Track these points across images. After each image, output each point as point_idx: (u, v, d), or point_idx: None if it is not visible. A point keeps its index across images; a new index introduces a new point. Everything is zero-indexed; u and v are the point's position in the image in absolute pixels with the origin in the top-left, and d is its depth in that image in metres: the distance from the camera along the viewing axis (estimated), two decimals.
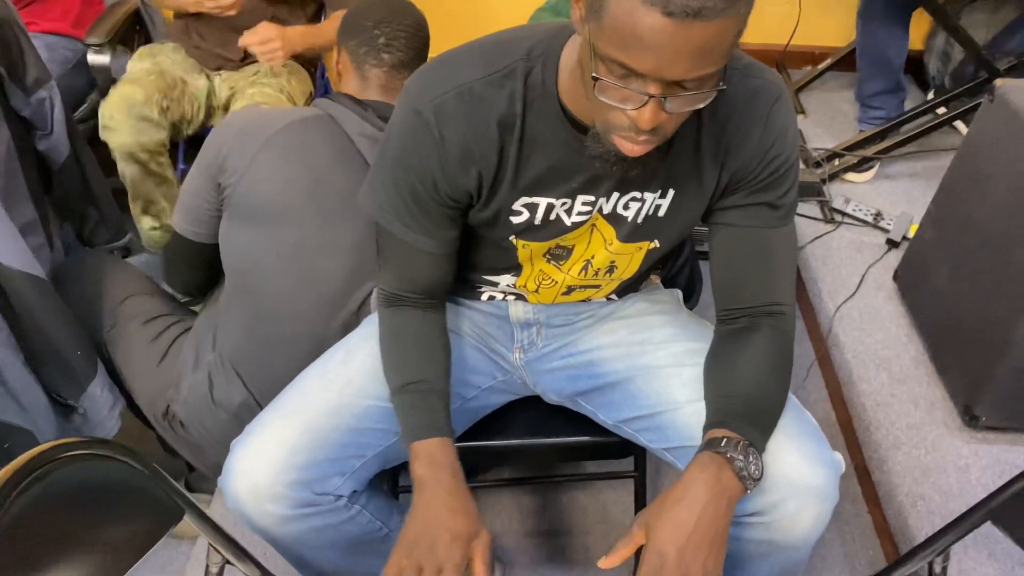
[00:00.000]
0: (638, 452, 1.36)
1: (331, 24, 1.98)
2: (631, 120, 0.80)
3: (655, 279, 1.35)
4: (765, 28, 2.70)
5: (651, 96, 0.77)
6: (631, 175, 0.93)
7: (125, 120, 1.85)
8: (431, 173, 0.97)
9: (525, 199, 1.00)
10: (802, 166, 2.35)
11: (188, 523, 0.86)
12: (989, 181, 1.54)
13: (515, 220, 1.02)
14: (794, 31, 2.63)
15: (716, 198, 1.02)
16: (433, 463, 0.99)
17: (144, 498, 0.79)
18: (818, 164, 2.30)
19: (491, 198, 0.99)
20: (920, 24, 2.57)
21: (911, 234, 2.02)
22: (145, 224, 2.03)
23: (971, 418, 1.56)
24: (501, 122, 0.94)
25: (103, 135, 1.88)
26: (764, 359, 1.02)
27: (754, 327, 1.04)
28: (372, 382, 1.10)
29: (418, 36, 1.38)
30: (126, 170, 1.94)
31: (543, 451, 1.31)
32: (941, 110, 2.36)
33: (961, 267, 1.62)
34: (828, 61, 2.72)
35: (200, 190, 1.34)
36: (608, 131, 0.84)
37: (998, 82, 1.53)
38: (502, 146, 0.95)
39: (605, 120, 0.83)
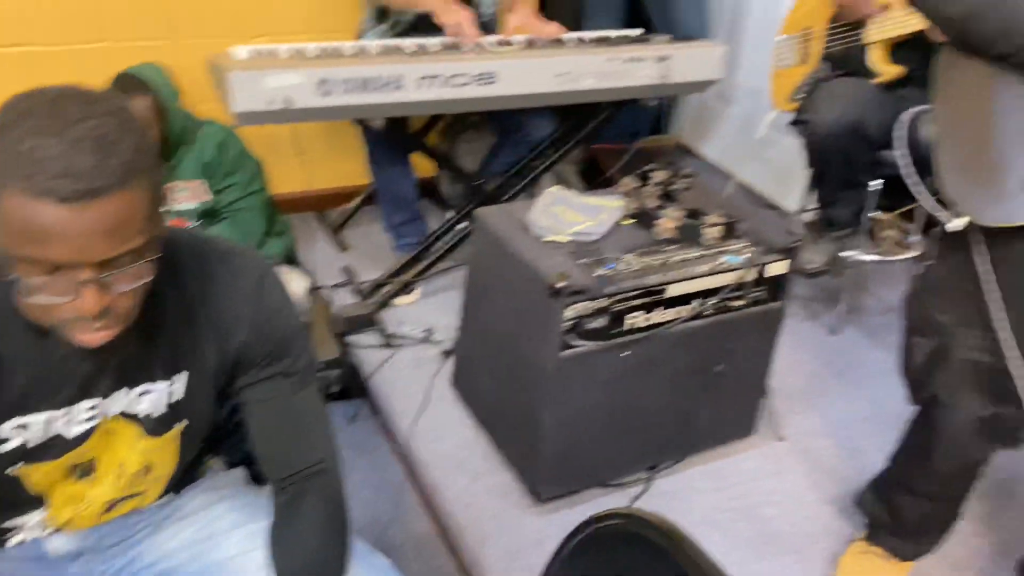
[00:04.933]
0: None
1: None
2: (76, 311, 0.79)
3: (213, 463, 1.33)
4: (290, 179, 2.87)
5: (82, 283, 0.77)
6: (116, 363, 0.92)
7: None
8: None
9: (16, 420, 0.93)
10: (356, 299, 2.51)
11: None
12: (492, 291, 1.82)
13: (5, 448, 0.94)
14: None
15: (229, 377, 1.05)
16: None
17: None
18: (369, 295, 2.48)
19: None
20: None
21: None
22: None
23: (536, 495, 1.79)
24: None
25: None
26: (316, 527, 1.07)
27: (303, 493, 1.08)
28: None
29: None
30: None
31: None
32: (461, 225, 2.70)
33: (493, 367, 1.86)
34: (359, 199, 2.96)
35: None
36: (63, 328, 0.82)
37: (478, 211, 1.82)
38: None
39: (53, 318, 0.81)
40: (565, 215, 1.76)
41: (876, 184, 2.24)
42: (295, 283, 2.28)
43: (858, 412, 2.19)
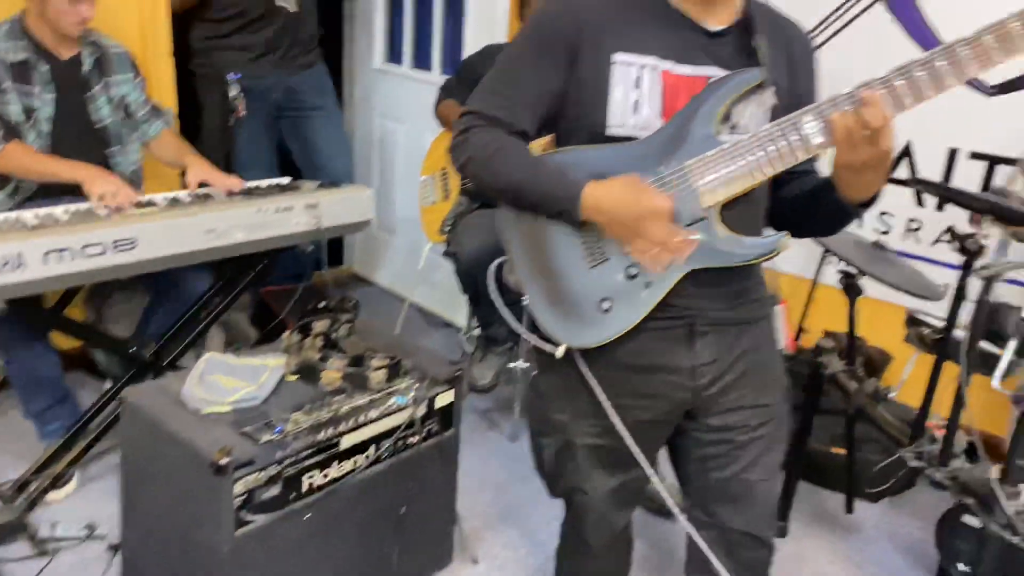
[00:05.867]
0: None
1: None
2: None
3: None
4: None
5: None
6: None
7: None
8: None
9: None
10: None
11: None
12: (152, 477, 1.68)
13: None
14: None
15: None
16: None
17: None
18: (12, 498, 2.15)
19: None
20: None
21: None
22: None
23: None
24: None
25: None
26: None
27: None
28: None
29: None
30: None
31: None
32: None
33: (165, 558, 1.70)
34: None
35: None
36: None
37: (125, 393, 1.68)
38: None
39: None
40: (223, 382, 1.69)
41: (526, 300, 2.46)
42: None
43: (546, 514, 2.31)
